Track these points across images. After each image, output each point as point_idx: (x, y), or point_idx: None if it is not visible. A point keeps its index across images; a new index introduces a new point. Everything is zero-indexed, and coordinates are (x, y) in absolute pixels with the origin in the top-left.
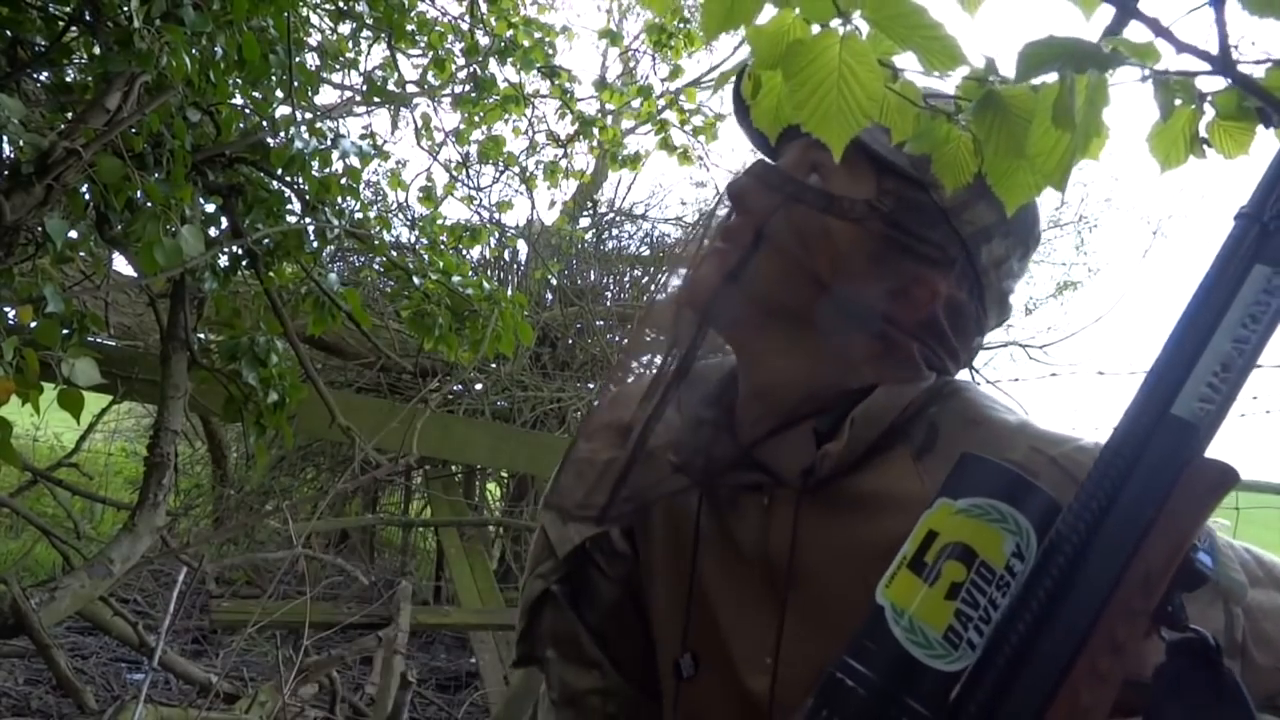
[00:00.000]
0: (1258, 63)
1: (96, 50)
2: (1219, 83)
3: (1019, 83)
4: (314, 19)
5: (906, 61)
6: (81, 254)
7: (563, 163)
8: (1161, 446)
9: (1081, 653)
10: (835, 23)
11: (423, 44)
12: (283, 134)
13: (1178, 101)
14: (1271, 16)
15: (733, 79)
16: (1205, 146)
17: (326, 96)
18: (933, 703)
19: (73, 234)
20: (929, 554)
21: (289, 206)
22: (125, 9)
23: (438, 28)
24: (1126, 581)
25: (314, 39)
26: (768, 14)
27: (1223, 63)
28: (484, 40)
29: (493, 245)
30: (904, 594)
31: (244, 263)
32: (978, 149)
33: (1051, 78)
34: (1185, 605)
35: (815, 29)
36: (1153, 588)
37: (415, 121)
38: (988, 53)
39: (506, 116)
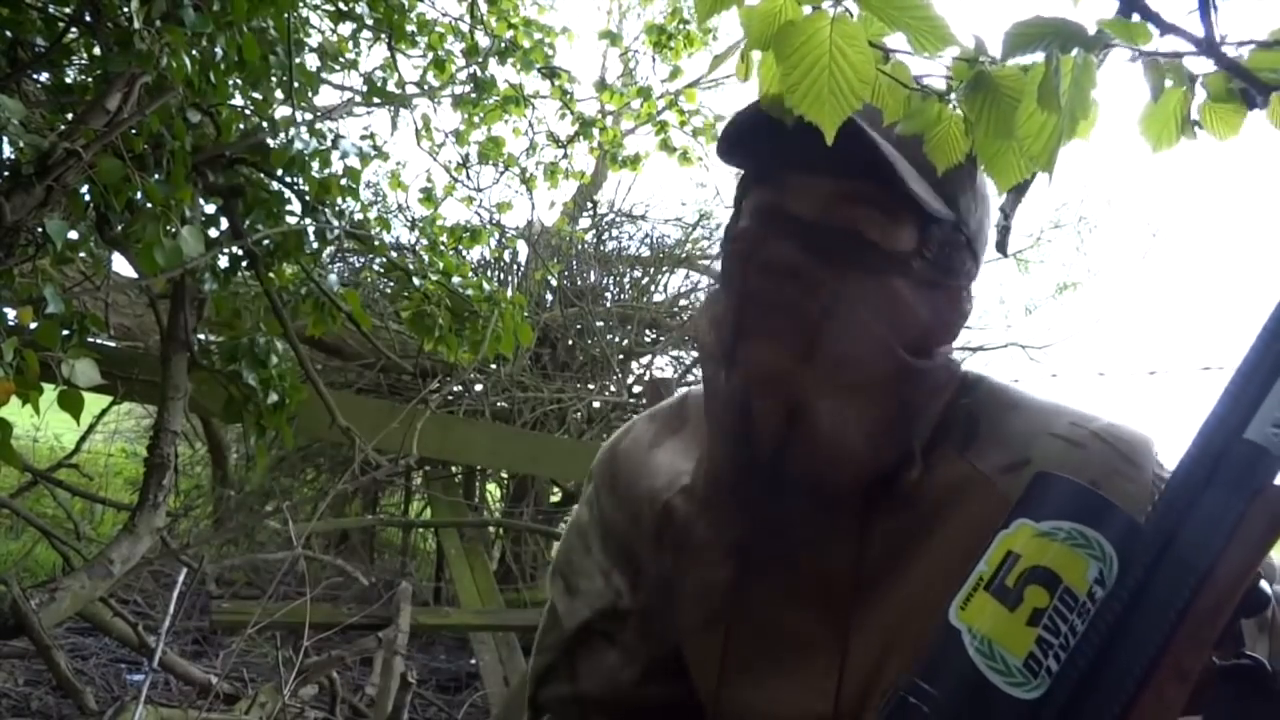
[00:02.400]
0: (1242, 44)
1: (96, 51)
2: (1209, 65)
3: (1004, 62)
4: (314, 20)
5: (897, 42)
6: (81, 255)
7: (563, 163)
8: (1234, 470)
9: (1150, 681)
10: (826, 4)
11: (422, 45)
12: (283, 135)
13: (1168, 83)
14: None
15: (726, 117)
16: (1196, 128)
17: (326, 97)
18: None
19: (73, 235)
20: (1010, 577)
21: (289, 207)
22: (125, 10)
23: (438, 28)
24: (1196, 609)
25: (314, 40)
26: None
27: (1208, 44)
28: (484, 41)
29: (493, 246)
30: (982, 617)
31: (244, 264)
32: (968, 130)
33: (1039, 57)
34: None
35: (807, 10)
36: (1220, 616)
37: (415, 122)
38: (978, 34)
39: (506, 117)
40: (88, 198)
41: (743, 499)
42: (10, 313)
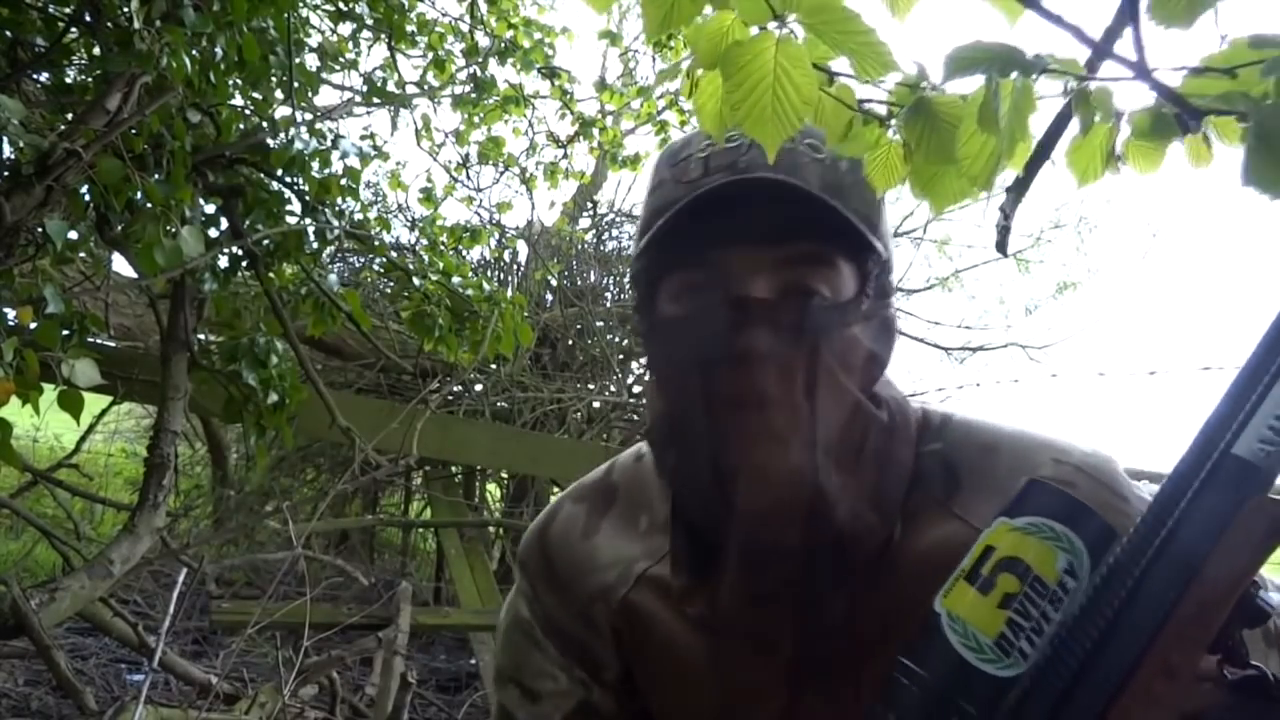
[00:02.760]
0: (1175, 69)
1: (96, 51)
2: (1136, 101)
3: (945, 83)
4: (314, 20)
5: (841, 67)
6: (81, 255)
7: (563, 163)
8: (1220, 483)
9: (1136, 672)
10: (771, 25)
11: (422, 45)
12: (283, 135)
13: (1096, 118)
14: (1177, 26)
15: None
16: (1119, 163)
17: (326, 97)
18: (983, 705)
19: (73, 235)
20: (985, 567)
21: (289, 207)
22: (125, 10)
23: (437, 28)
24: (1182, 608)
25: (314, 40)
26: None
27: (1141, 70)
28: (484, 41)
29: (493, 246)
30: (959, 602)
31: (244, 264)
32: (907, 154)
33: (979, 83)
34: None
35: (754, 31)
36: (1209, 618)
37: (415, 122)
38: (920, 60)
39: (506, 117)
40: (88, 198)
41: (732, 585)
42: (10, 313)
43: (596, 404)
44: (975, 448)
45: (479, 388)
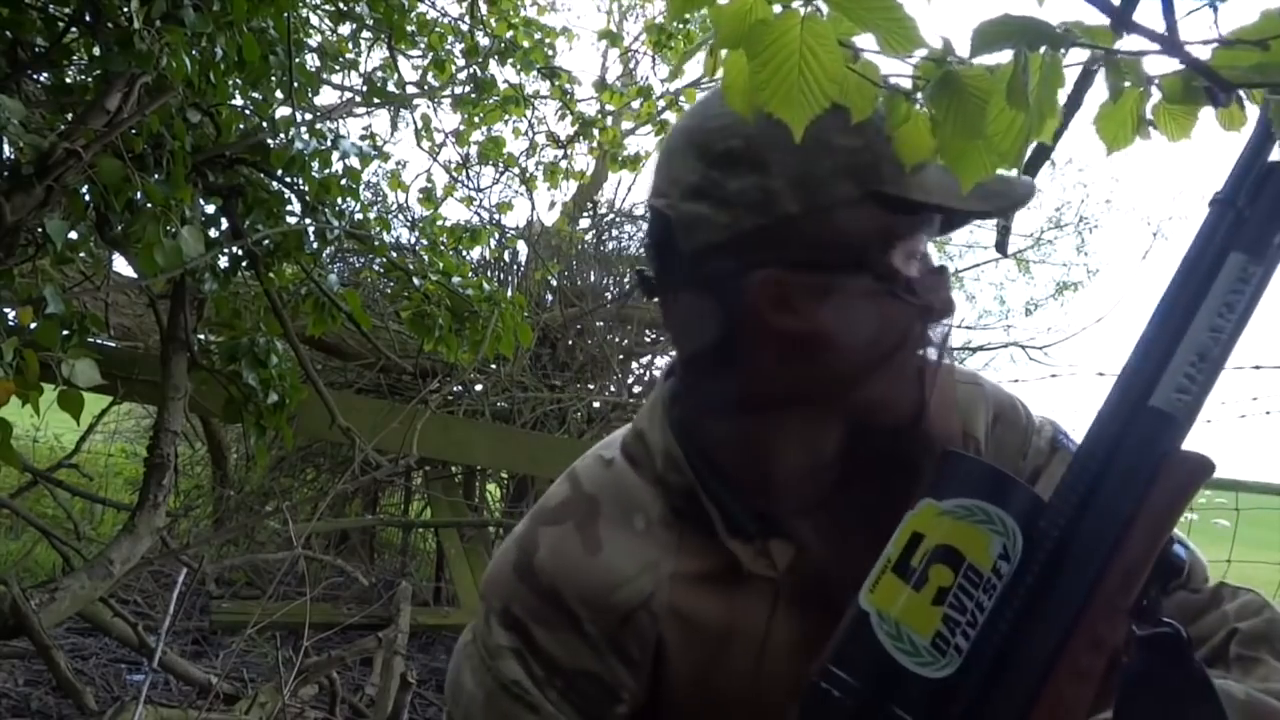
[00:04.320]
0: (1205, 43)
1: (96, 51)
2: (1165, 66)
3: (973, 59)
4: (314, 20)
5: (864, 42)
6: (81, 255)
7: (563, 164)
8: (1139, 439)
9: (1064, 652)
10: (796, 3)
11: (423, 45)
12: (283, 135)
13: (1126, 84)
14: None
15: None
16: (1150, 128)
17: (327, 97)
18: (919, 709)
19: (73, 235)
20: (914, 558)
21: (289, 207)
22: (125, 10)
23: (438, 29)
24: (1107, 579)
25: (314, 40)
26: None
27: (1171, 43)
28: (484, 41)
29: (493, 246)
30: (889, 599)
31: (244, 264)
32: (934, 129)
33: (1006, 57)
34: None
35: (778, 9)
36: (1132, 583)
37: (415, 122)
38: (945, 34)
39: (506, 117)
40: (88, 198)
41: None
42: (10, 313)
43: (596, 404)
44: None
45: (479, 388)
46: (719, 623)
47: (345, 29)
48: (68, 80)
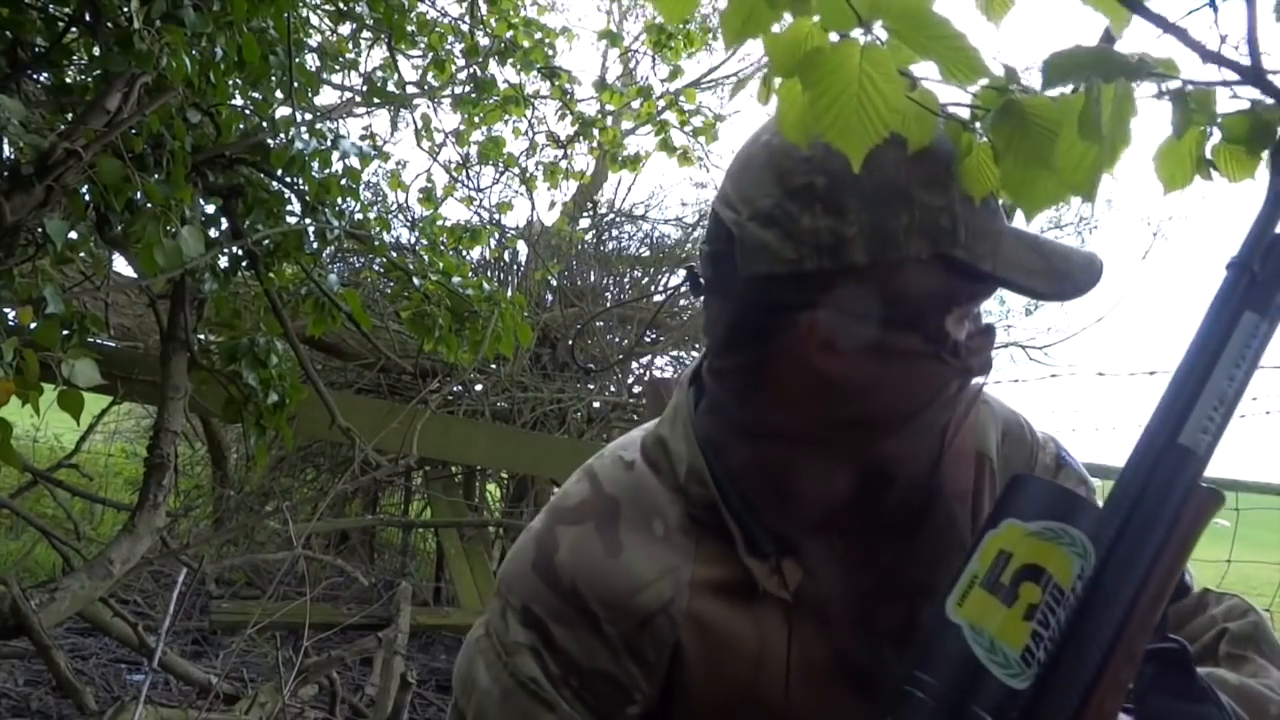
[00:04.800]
0: None
1: (96, 51)
2: (1228, 105)
3: (1044, 91)
4: (314, 20)
5: (923, 70)
6: (81, 255)
7: (563, 164)
8: (1170, 472)
9: (1108, 665)
10: (856, 32)
11: (423, 45)
12: (283, 135)
13: (1192, 119)
14: None
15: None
16: (1211, 169)
17: (327, 97)
18: (996, 712)
19: (73, 235)
20: (1005, 575)
21: (289, 207)
22: (125, 10)
23: (438, 29)
24: (1143, 597)
25: (314, 40)
26: (786, 20)
27: (1255, 74)
28: (484, 41)
29: (493, 246)
30: (981, 613)
31: (244, 264)
32: (996, 158)
33: (1068, 86)
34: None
35: (834, 37)
36: (1161, 601)
37: (415, 122)
38: (1007, 62)
39: (506, 117)
40: (88, 198)
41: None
42: (10, 313)
43: (596, 404)
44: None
45: (479, 388)
46: (736, 631)
47: (345, 29)
48: (68, 80)
